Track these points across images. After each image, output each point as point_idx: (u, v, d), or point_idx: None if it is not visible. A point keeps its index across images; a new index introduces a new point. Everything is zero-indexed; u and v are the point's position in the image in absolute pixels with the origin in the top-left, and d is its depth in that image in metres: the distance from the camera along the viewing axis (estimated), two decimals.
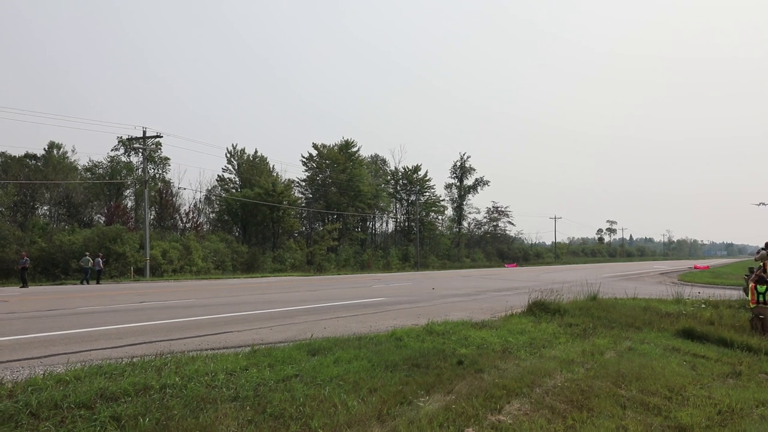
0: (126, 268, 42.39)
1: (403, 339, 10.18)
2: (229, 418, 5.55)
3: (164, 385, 6.36)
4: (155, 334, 11.49)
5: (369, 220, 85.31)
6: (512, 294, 23.68)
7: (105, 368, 7.10)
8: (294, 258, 60.99)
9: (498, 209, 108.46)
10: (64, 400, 5.72)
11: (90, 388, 6.12)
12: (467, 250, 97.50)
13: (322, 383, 6.85)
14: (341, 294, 23.88)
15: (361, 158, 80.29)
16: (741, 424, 6.48)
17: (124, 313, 15.87)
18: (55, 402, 5.69)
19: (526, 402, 6.78)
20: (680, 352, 10.88)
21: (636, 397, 7.24)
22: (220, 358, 7.94)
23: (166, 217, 58.21)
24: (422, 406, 6.31)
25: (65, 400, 5.72)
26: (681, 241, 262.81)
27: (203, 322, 13.87)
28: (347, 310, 16.74)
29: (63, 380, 6.52)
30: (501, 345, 10.29)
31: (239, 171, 66.83)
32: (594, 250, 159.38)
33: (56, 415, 5.43)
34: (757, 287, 13.57)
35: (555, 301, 15.24)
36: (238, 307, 17.65)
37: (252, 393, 6.36)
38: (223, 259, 51.89)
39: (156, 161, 58.97)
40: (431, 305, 18.86)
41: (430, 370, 7.84)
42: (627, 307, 16.20)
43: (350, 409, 6.05)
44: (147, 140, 47.54)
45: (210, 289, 28.22)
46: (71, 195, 53.32)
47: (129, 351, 9.31)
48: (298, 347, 8.97)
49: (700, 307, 16.99)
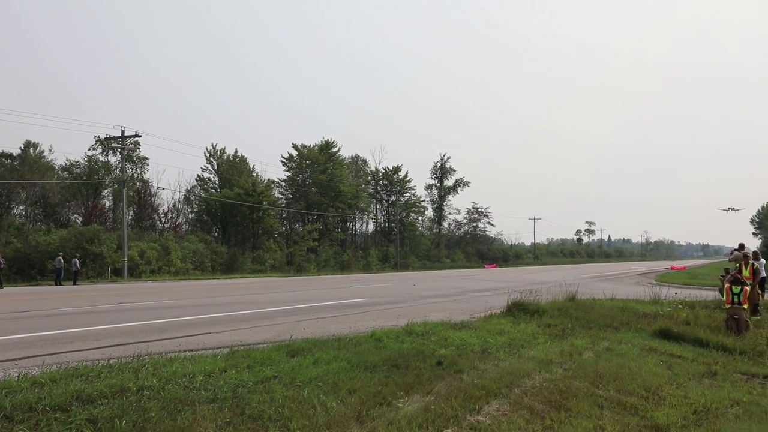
0: (103, 268, 41.92)
1: (383, 340, 10.18)
2: (207, 420, 5.51)
3: (141, 387, 6.31)
4: (133, 336, 11.40)
5: (349, 220, 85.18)
6: (492, 295, 23.78)
7: (81, 370, 7.03)
8: (274, 259, 60.75)
9: (478, 210, 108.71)
10: (39, 403, 5.65)
11: (66, 390, 6.05)
12: (447, 250, 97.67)
13: (302, 384, 6.83)
14: (321, 295, 23.84)
15: (342, 158, 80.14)
16: (716, 423, 6.55)
17: (101, 314, 15.73)
18: (29, 405, 5.61)
19: (505, 402, 6.81)
20: (657, 352, 10.98)
21: (613, 397, 7.30)
22: (199, 360, 7.88)
23: (145, 218, 57.69)
24: (401, 407, 6.32)
25: (40, 403, 5.65)
26: (658, 242, 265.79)
27: (181, 323, 13.78)
28: (327, 311, 16.72)
29: (38, 382, 6.44)
30: (480, 346, 10.32)
31: (219, 171, 66.36)
32: (573, 251, 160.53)
33: (31, 418, 5.36)
34: (732, 288, 13.75)
35: (534, 302, 15.33)
36: (217, 308, 17.55)
37: (230, 394, 6.33)
38: (202, 259, 51.54)
39: (134, 161, 58.31)
40: (411, 306, 18.89)
41: (410, 371, 7.84)
42: (605, 308, 16.33)
43: (329, 410, 6.03)
44: (125, 140, 47.12)
45: (189, 289, 28.03)
46: (48, 195, 52.65)
47: (106, 353, 9.23)
48: (277, 348, 8.94)
49: (676, 307, 17.17)
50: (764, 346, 11.94)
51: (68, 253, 37.57)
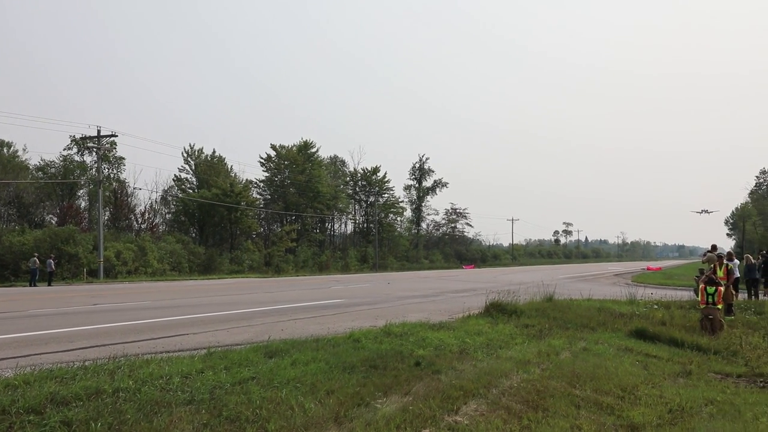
0: (79, 269, 41.46)
1: (361, 340, 10.17)
2: (184, 422, 5.47)
3: (117, 389, 6.24)
4: (108, 337, 11.29)
5: (328, 221, 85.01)
6: (470, 295, 23.85)
7: (56, 372, 6.93)
8: (252, 259, 60.48)
9: (456, 211, 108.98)
10: (13, 405, 5.56)
11: (40, 392, 5.96)
12: (426, 251, 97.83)
13: (279, 386, 6.79)
14: (299, 296, 23.77)
15: (320, 159, 79.99)
16: (690, 422, 6.63)
17: (76, 315, 15.56)
18: (2, 407, 5.52)
19: (483, 403, 6.83)
20: (633, 352, 11.09)
21: (590, 397, 7.36)
22: (176, 361, 7.81)
23: (121, 218, 57.09)
24: (380, 408, 6.31)
25: (13, 405, 5.56)
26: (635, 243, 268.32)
27: (158, 324, 13.67)
28: (305, 312, 16.68)
29: (11, 385, 6.34)
30: (458, 346, 10.34)
31: (196, 171, 65.84)
32: (550, 252, 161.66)
33: (4, 421, 5.28)
34: (707, 288, 13.93)
35: (512, 303, 15.39)
36: (194, 309, 17.44)
37: (208, 396, 6.28)
38: (179, 260, 51.16)
39: (111, 161, 57.72)
40: (390, 307, 18.90)
41: (388, 372, 7.84)
42: (582, 308, 16.45)
43: (307, 411, 6.01)
44: (101, 139, 46.66)
45: (165, 290, 27.82)
46: (22, 195, 51.97)
47: (81, 354, 9.13)
48: (255, 349, 8.89)
49: (652, 307, 17.33)
50: (738, 346, 12.13)
51: (43, 253, 37.16)
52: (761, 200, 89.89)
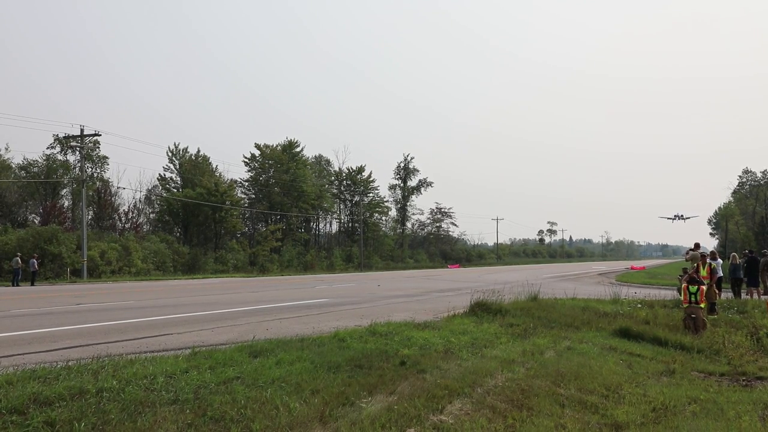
0: (62, 269, 41.13)
1: (346, 340, 10.16)
2: (169, 422, 5.44)
3: (101, 389, 6.19)
4: (92, 337, 11.21)
5: (313, 220, 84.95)
6: (455, 295, 23.90)
7: (39, 372, 6.87)
8: (236, 259, 60.36)
9: (441, 210, 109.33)
10: None
11: (23, 392, 5.91)
12: (411, 251, 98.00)
13: (264, 385, 6.78)
14: (284, 295, 23.72)
15: (305, 158, 79.94)
16: (674, 420, 6.69)
17: (59, 315, 15.43)
18: None
19: (468, 402, 6.85)
20: (617, 351, 11.17)
21: (574, 396, 7.40)
22: (160, 361, 7.77)
23: (105, 218, 56.78)
24: (365, 407, 6.32)
25: None
26: (619, 243, 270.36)
27: (142, 324, 13.59)
28: (290, 312, 16.64)
29: None
30: (443, 345, 10.36)
31: (181, 170, 65.53)
32: (535, 251, 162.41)
33: None
34: (689, 287, 14.04)
35: (496, 302, 15.42)
36: (179, 308, 17.36)
37: (192, 396, 6.25)
38: (163, 260, 50.92)
39: (94, 160, 57.32)
40: (375, 306, 18.91)
41: (373, 371, 7.85)
42: (566, 308, 16.53)
43: (292, 411, 6.01)
44: (85, 138, 46.32)
45: (150, 290, 27.66)
46: (4, 194, 51.42)
47: (64, 354, 9.05)
48: (239, 349, 8.86)
49: (636, 307, 17.44)
50: (720, 345, 12.25)
51: (26, 253, 36.83)
52: (744, 200, 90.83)
